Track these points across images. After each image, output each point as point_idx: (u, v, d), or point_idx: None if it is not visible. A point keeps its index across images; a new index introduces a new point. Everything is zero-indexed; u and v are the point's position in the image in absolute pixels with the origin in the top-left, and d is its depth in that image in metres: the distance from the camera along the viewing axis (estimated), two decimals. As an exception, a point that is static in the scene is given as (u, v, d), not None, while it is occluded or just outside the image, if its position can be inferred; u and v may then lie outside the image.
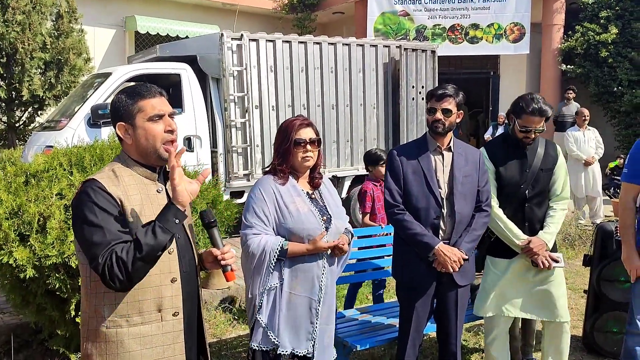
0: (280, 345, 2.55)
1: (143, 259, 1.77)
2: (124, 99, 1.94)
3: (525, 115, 3.18)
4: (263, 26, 12.99)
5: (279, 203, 2.57)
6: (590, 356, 4.11)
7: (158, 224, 1.79)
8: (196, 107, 7.16)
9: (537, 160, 3.26)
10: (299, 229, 2.55)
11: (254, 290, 2.57)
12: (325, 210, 2.67)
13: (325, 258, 2.62)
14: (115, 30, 12.25)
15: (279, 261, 2.54)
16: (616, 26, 11.63)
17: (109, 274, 1.76)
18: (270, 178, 2.65)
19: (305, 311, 2.58)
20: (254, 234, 2.54)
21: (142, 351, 1.89)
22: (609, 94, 11.77)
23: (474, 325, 4.60)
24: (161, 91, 1.99)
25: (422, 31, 12.72)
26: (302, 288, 2.57)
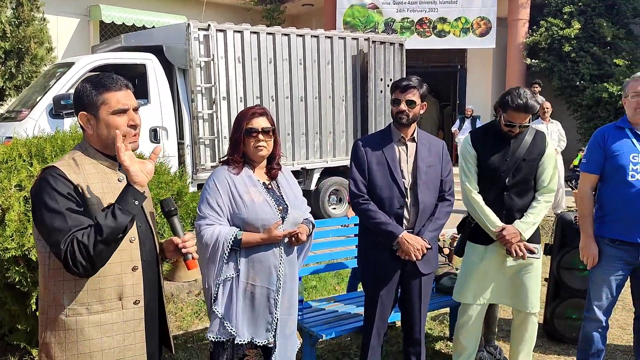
0: (238, 335, 2.53)
1: (104, 241, 1.76)
2: (89, 89, 1.91)
3: (510, 110, 3.17)
4: (232, 17, 12.86)
5: (232, 193, 2.54)
6: (550, 342, 4.23)
7: (117, 206, 1.79)
8: (162, 98, 7.06)
9: (521, 150, 3.25)
10: (253, 219, 2.52)
11: (209, 281, 2.54)
12: (281, 200, 2.64)
13: (282, 247, 2.60)
14: (79, 20, 11.96)
15: (234, 251, 2.51)
16: (579, 21, 11.89)
17: (71, 260, 1.74)
18: (224, 169, 2.62)
19: (263, 301, 2.56)
20: (207, 225, 2.50)
21: (102, 339, 1.88)
22: (572, 88, 12.04)
23: (439, 313, 4.68)
24: (127, 84, 1.96)
25: (390, 24, 12.79)
26: (259, 278, 2.55)
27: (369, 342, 3.17)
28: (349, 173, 3.15)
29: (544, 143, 3.32)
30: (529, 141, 3.28)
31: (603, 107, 11.46)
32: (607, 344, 3.65)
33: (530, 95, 3.16)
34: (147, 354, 1.99)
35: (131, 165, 1.83)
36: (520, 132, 3.25)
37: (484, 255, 3.35)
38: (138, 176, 1.84)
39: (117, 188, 1.93)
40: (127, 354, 1.93)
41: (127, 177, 1.84)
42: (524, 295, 3.36)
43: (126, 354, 1.93)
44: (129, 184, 1.84)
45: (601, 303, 3.30)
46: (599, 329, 3.35)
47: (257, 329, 2.56)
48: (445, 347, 4.15)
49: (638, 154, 3.13)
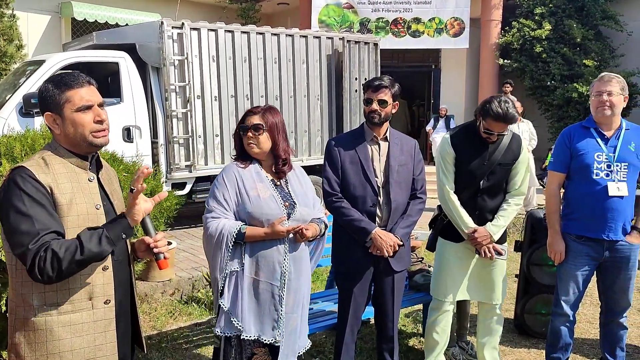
0: (245, 331, 2.54)
1: (79, 262, 1.76)
2: (51, 89, 1.90)
3: (489, 119, 3.19)
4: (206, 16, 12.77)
5: (239, 188, 2.58)
6: (521, 337, 4.31)
7: (105, 233, 1.80)
8: (135, 97, 6.99)
9: (497, 154, 3.31)
10: (258, 214, 2.55)
11: (214, 273, 2.58)
12: (289, 197, 2.66)
13: (287, 243, 2.60)
14: (51, 17, 11.75)
15: (238, 245, 2.54)
16: (550, 23, 12.11)
17: (38, 268, 1.73)
18: (233, 164, 2.69)
19: (268, 297, 2.57)
20: (213, 218, 2.56)
21: (73, 339, 1.87)
22: (543, 88, 12.25)
23: (412, 310, 4.74)
24: (90, 80, 1.95)
25: (365, 24, 12.85)
26: (263, 273, 2.56)
27: (343, 339, 3.21)
28: (323, 172, 3.17)
29: (520, 148, 3.38)
30: (506, 145, 3.34)
31: (573, 107, 11.69)
32: (575, 337, 3.76)
33: (511, 105, 3.18)
34: (118, 353, 1.99)
35: (138, 204, 1.86)
36: (497, 140, 3.30)
37: (455, 252, 3.42)
38: (138, 215, 1.87)
39: (88, 188, 1.92)
40: (97, 354, 1.92)
41: (128, 212, 1.87)
42: (489, 288, 3.44)
43: (97, 354, 1.92)
44: (125, 217, 1.86)
45: (568, 298, 3.40)
46: (566, 323, 3.44)
47: (263, 326, 2.57)
48: (419, 343, 4.21)
49: (602, 153, 3.23)
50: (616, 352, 3.49)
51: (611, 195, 3.17)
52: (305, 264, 2.73)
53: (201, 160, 7.35)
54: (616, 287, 3.36)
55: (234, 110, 7.59)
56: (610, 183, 3.19)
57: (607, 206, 3.19)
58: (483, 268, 3.42)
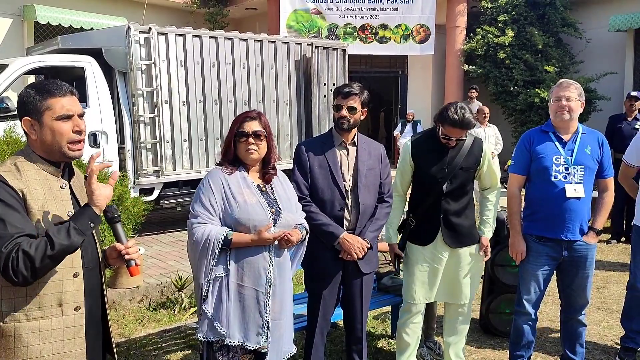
0: (229, 336, 2.53)
1: (52, 257, 1.76)
2: (33, 94, 1.91)
3: (447, 125, 3.28)
4: (173, 20, 12.70)
5: (226, 193, 2.57)
6: (486, 336, 4.42)
7: (73, 225, 1.80)
8: (102, 102, 6.91)
9: (458, 159, 3.39)
10: (245, 219, 2.54)
11: (199, 279, 2.55)
12: (274, 203, 2.66)
13: (272, 250, 2.61)
14: (12, 20, 11.51)
15: (223, 251, 2.52)
16: (512, 30, 12.42)
17: (12, 269, 1.73)
18: (219, 169, 2.65)
19: (253, 303, 2.57)
20: (199, 223, 2.53)
21: (41, 345, 1.86)
22: (507, 93, 12.56)
23: (380, 312, 4.81)
24: (72, 90, 1.97)
25: (334, 30, 12.97)
26: (247, 279, 2.56)
27: (313, 341, 3.24)
28: (292, 175, 3.21)
29: (481, 151, 3.47)
30: (467, 150, 3.42)
31: (535, 112, 12.00)
32: (537, 335, 3.88)
33: (468, 111, 3.27)
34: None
35: (96, 189, 1.87)
36: (456, 145, 3.39)
37: (423, 255, 3.49)
38: (100, 200, 1.88)
39: (59, 195, 1.93)
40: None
41: (89, 199, 1.87)
42: (458, 289, 3.52)
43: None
44: (88, 205, 1.86)
45: (530, 297, 3.51)
46: (528, 321, 3.55)
47: (247, 332, 2.56)
48: (387, 344, 4.28)
49: (560, 156, 3.36)
50: (576, 349, 3.61)
51: (569, 197, 3.30)
52: (288, 269, 2.75)
53: (169, 165, 7.31)
54: (575, 285, 3.48)
55: (202, 116, 7.57)
56: (567, 185, 3.31)
57: (565, 207, 3.31)
58: (459, 270, 3.49)
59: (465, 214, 3.48)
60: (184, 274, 5.24)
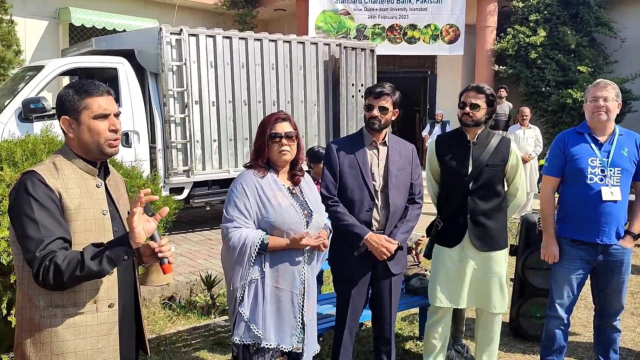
0: (265, 339, 2.54)
1: (80, 277, 1.79)
2: (71, 94, 1.95)
3: (463, 95, 3.38)
4: (204, 22, 12.86)
5: (260, 197, 2.57)
6: (516, 340, 4.36)
7: (107, 253, 1.81)
8: (134, 102, 7.03)
9: (484, 155, 3.35)
10: (280, 223, 2.55)
11: (235, 283, 2.55)
12: (305, 205, 2.68)
13: (306, 252, 2.63)
14: (48, 22, 11.79)
15: (259, 255, 2.53)
16: (544, 29, 12.23)
17: (42, 276, 1.77)
18: (250, 172, 2.64)
19: (288, 305, 2.58)
20: (235, 228, 2.53)
21: (76, 341, 1.90)
22: (538, 94, 12.36)
23: (408, 314, 4.78)
24: (109, 90, 2.01)
25: (362, 30, 12.95)
26: (283, 281, 2.57)
27: (341, 341, 3.24)
28: (321, 174, 3.22)
29: (509, 148, 3.42)
30: (493, 147, 3.38)
31: (567, 113, 11.79)
32: (569, 341, 3.80)
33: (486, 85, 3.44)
34: (121, 356, 2.02)
35: (137, 225, 1.84)
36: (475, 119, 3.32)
37: (450, 257, 3.45)
38: (140, 237, 1.85)
39: (95, 194, 1.96)
40: (100, 356, 1.95)
41: (130, 235, 1.85)
42: (487, 295, 3.45)
43: (99, 356, 1.95)
44: (127, 238, 1.85)
45: (563, 301, 3.44)
46: (561, 326, 3.49)
47: (283, 335, 2.58)
48: (415, 346, 4.25)
49: (596, 158, 3.28)
50: (610, 355, 3.53)
51: (605, 199, 3.23)
52: (315, 270, 2.78)
53: (199, 165, 7.39)
54: (609, 290, 3.41)
55: (232, 116, 7.64)
56: (603, 188, 3.24)
57: (601, 210, 3.24)
58: (481, 273, 3.43)
59: (495, 216, 3.40)
60: (212, 272, 5.29)
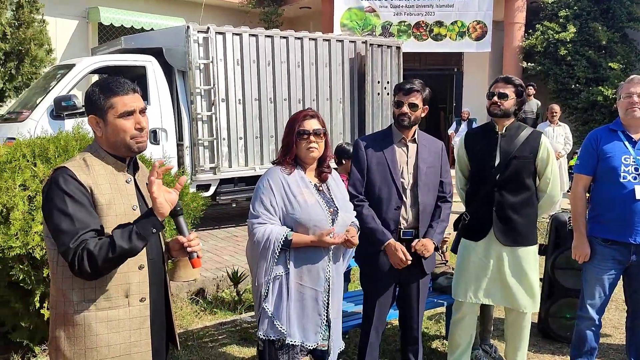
0: (289, 335, 2.56)
1: (114, 259, 1.81)
2: (97, 93, 1.97)
3: (492, 85, 3.40)
4: (230, 20, 12.93)
5: (286, 193, 2.58)
6: (545, 341, 4.29)
7: (135, 229, 1.83)
8: (162, 100, 7.11)
9: (512, 147, 3.31)
10: (305, 220, 2.56)
11: (259, 278, 2.57)
12: (332, 203, 2.68)
13: (331, 250, 2.63)
14: (78, 22, 12.00)
15: (283, 251, 2.55)
16: (574, 25, 11.99)
17: (78, 266, 1.79)
18: (277, 169, 2.66)
19: (312, 303, 2.59)
20: (260, 224, 2.55)
21: (109, 335, 1.93)
22: (567, 91, 12.14)
23: (435, 313, 4.74)
24: (135, 87, 2.02)
25: (387, 27, 12.87)
26: (307, 278, 2.58)
27: (368, 340, 3.23)
28: (350, 171, 3.21)
29: (539, 142, 3.35)
30: (522, 139, 3.33)
31: (598, 111, 11.56)
32: (600, 342, 3.73)
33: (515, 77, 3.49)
34: (152, 350, 2.04)
35: (159, 196, 1.87)
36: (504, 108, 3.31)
37: (475, 251, 3.41)
38: (163, 207, 1.88)
39: (125, 189, 1.99)
40: (132, 350, 1.98)
41: (152, 206, 1.88)
42: (516, 294, 3.38)
43: (132, 350, 1.97)
44: (152, 211, 1.87)
45: (594, 302, 3.38)
46: (592, 327, 3.43)
47: (306, 332, 2.59)
48: (442, 345, 4.22)
49: (629, 156, 3.21)
50: (643, 357, 3.46)
51: (639, 198, 3.16)
52: (341, 267, 2.77)
53: (225, 162, 7.45)
54: (643, 291, 3.33)
55: (258, 114, 7.67)
56: (637, 186, 3.17)
57: (635, 209, 3.17)
58: (509, 270, 3.35)
59: (524, 211, 3.33)
60: (239, 268, 5.33)
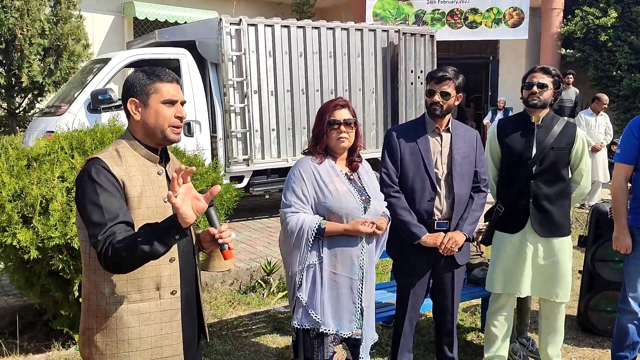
0: (323, 324, 2.56)
1: (136, 259, 1.79)
2: (142, 77, 1.98)
3: (529, 75, 3.32)
4: (262, 12, 12.95)
5: (318, 182, 2.58)
6: (584, 334, 4.19)
7: (158, 234, 1.76)
8: (195, 92, 7.18)
9: (549, 138, 3.26)
10: (337, 208, 2.56)
11: (293, 267, 2.58)
12: (363, 191, 2.67)
13: (364, 237, 2.62)
14: (114, 17, 12.21)
15: (316, 240, 2.55)
16: (616, 10, 11.60)
17: (104, 259, 1.79)
18: (308, 159, 2.66)
19: (347, 291, 2.58)
20: (292, 213, 2.56)
21: (141, 327, 1.93)
22: (608, 78, 11.77)
23: (470, 305, 4.68)
24: (177, 79, 2.03)
25: (421, 16, 12.69)
26: (341, 267, 2.58)
27: (402, 331, 3.20)
28: (382, 162, 3.17)
29: (575, 133, 3.32)
30: (558, 130, 3.28)
31: (640, 98, 11.19)
32: (643, 336, 3.62)
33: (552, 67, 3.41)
34: (184, 342, 2.04)
35: (181, 206, 1.73)
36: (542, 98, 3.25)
37: (512, 244, 3.36)
38: (187, 216, 1.73)
39: (156, 181, 1.98)
40: (164, 342, 1.98)
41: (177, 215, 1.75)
42: (549, 284, 3.34)
43: (163, 342, 1.98)
44: (176, 219, 1.75)
45: (636, 294, 3.27)
46: (634, 320, 3.32)
47: (341, 321, 2.59)
48: (477, 338, 4.16)
49: (674, 144, 3.09)
50: (688, 353, 3.34)
51: (683, 188, 3.03)
52: (374, 257, 2.76)
53: (258, 154, 7.48)
54: (688, 284, 3.21)
55: (290, 105, 7.67)
56: (682, 176, 3.04)
57: (680, 200, 3.05)
58: (543, 260, 3.32)
59: (559, 201, 3.30)
60: (272, 259, 5.36)
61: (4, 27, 8.43)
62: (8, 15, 8.43)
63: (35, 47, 8.82)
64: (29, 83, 8.89)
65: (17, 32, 8.50)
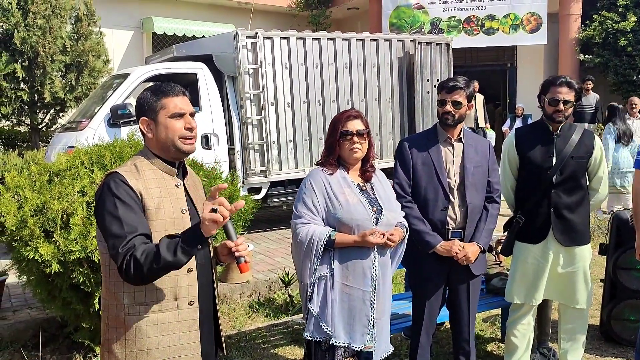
0: (334, 336, 2.55)
1: (158, 270, 1.83)
2: (149, 96, 2.04)
3: (552, 88, 3.25)
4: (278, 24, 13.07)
5: (328, 194, 2.59)
6: (607, 344, 4.12)
7: (181, 244, 1.82)
8: (213, 106, 7.26)
9: (568, 147, 3.25)
10: (347, 219, 2.56)
11: (304, 278, 2.59)
12: (375, 202, 2.66)
13: (376, 249, 2.61)
14: (133, 32, 12.44)
15: (327, 251, 2.55)
16: (635, 14, 11.46)
17: (125, 272, 1.83)
18: (320, 170, 2.68)
19: (359, 303, 2.57)
20: (303, 224, 2.57)
21: (159, 337, 1.96)
22: (629, 83, 11.61)
23: (490, 315, 4.63)
24: (184, 91, 2.08)
25: (437, 24, 12.68)
26: (353, 279, 2.57)
27: (419, 342, 3.19)
28: (394, 172, 3.17)
29: (593, 141, 3.31)
30: (577, 139, 3.28)
31: (662, 102, 10.97)
32: (668, 346, 3.54)
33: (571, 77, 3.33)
34: (201, 353, 2.06)
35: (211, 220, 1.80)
36: (565, 114, 3.23)
37: (533, 254, 3.34)
38: (212, 229, 1.81)
39: (174, 193, 2.03)
40: (182, 352, 2.00)
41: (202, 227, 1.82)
42: (571, 291, 3.34)
43: (182, 352, 2.00)
44: (200, 228, 1.81)
45: (659, 304, 3.21)
46: (658, 330, 3.26)
47: (353, 333, 2.57)
48: (497, 348, 4.11)
49: (695, 150, 3.04)
50: None
51: None
52: (389, 267, 2.74)
53: (275, 165, 7.52)
54: None
55: (307, 116, 7.71)
56: None
57: (702, 206, 3.00)
58: (564, 267, 3.33)
59: (579, 210, 3.31)
60: (290, 270, 5.37)
61: (27, 45, 8.63)
62: (31, 34, 8.64)
63: (57, 64, 9.01)
64: (51, 99, 9.08)
65: (40, 49, 8.70)
